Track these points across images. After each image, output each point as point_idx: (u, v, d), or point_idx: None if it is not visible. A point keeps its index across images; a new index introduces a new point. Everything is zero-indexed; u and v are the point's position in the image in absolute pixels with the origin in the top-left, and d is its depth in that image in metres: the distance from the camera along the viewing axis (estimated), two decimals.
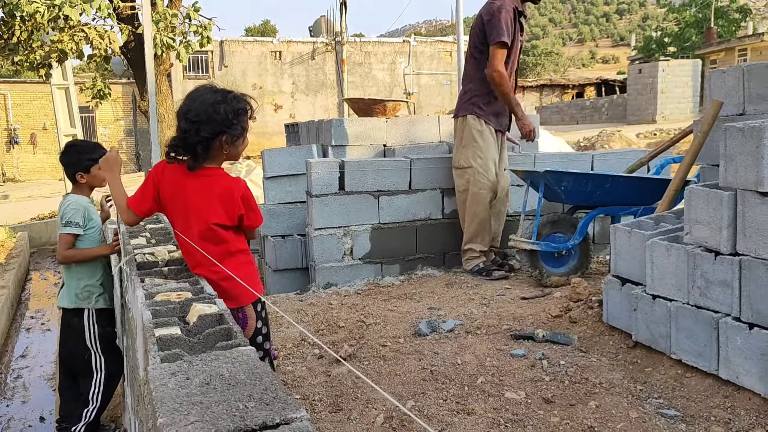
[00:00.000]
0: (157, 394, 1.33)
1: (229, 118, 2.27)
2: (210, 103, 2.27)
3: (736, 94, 3.21)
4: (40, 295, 9.04)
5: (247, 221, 2.39)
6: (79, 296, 3.48)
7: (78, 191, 3.58)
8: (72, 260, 3.46)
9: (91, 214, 3.52)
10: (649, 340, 2.89)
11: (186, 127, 2.27)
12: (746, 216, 2.44)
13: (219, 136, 2.27)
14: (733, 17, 34.73)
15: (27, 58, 7.55)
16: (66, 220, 3.41)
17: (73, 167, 3.53)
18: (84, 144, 3.76)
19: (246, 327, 2.43)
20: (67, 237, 3.41)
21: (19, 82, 25.55)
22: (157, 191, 2.39)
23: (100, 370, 3.52)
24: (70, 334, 3.56)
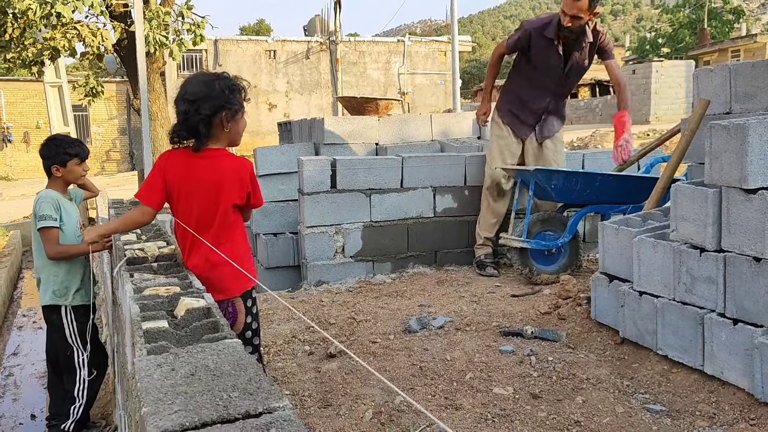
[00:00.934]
0: (142, 385, 1.35)
1: (225, 93, 2.31)
2: (204, 81, 2.33)
3: (723, 92, 3.24)
4: (33, 293, 9.01)
5: (254, 199, 2.47)
6: (57, 293, 3.44)
7: (52, 185, 3.54)
8: (63, 255, 3.41)
9: (64, 207, 3.45)
10: (636, 337, 2.91)
11: (185, 108, 2.30)
12: (731, 213, 2.47)
13: (218, 113, 2.31)
14: (727, 18, 34.91)
15: (19, 55, 7.53)
16: (39, 215, 3.35)
17: (50, 160, 3.50)
18: (64, 138, 3.71)
19: (235, 321, 2.44)
20: (50, 232, 3.34)
21: (12, 80, 25.45)
22: (165, 180, 2.39)
23: (83, 366, 3.49)
24: (52, 331, 3.55)
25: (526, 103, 4.69)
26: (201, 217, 2.38)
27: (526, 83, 4.69)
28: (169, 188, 2.39)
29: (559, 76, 4.59)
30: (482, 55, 54.95)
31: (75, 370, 3.50)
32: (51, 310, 3.48)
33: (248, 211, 2.55)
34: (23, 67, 8.25)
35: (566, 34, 4.40)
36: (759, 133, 2.37)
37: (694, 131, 3.27)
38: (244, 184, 2.40)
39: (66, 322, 3.47)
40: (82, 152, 3.57)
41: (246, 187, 2.41)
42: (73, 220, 3.50)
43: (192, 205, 2.39)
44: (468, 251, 5.06)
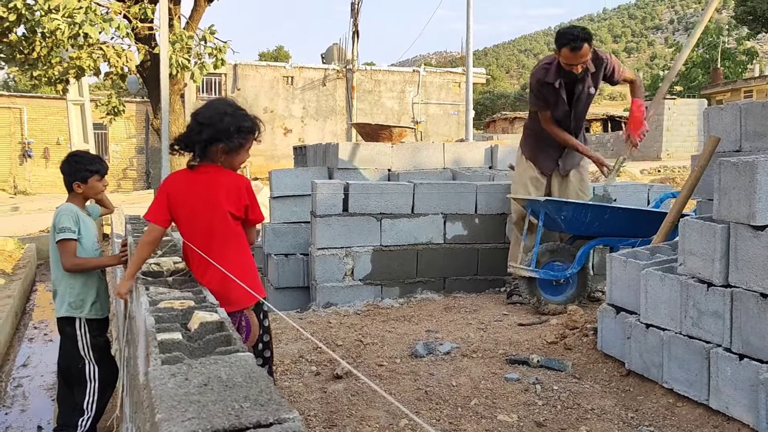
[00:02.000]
0: (156, 392, 1.39)
1: (230, 130, 2.43)
2: (219, 112, 2.45)
3: (734, 131, 3.29)
4: (45, 306, 9.09)
5: (252, 214, 2.53)
6: (72, 305, 3.50)
7: (72, 200, 3.61)
8: (80, 268, 3.47)
9: (83, 220, 3.52)
10: (642, 369, 2.92)
11: (192, 126, 2.46)
12: (738, 249, 2.49)
13: (216, 143, 2.43)
14: (740, 59, 35.03)
15: (45, 73, 7.71)
16: (59, 227, 3.42)
17: (71, 176, 3.57)
18: (85, 155, 3.79)
19: (249, 334, 2.50)
20: (68, 244, 3.41)
21: (35, 98, 25.88)
22: (168, 198, 2.51)
23: (94, 379, 3.53)
24: (65, 342, 3.59)
25: (546, 140, 4.72)
26: (204, 230, 2.46)
27: None
28: (172, 205, 2.50)
29: (567, 113, 4.65)
30: (495, 87, 55.33)
31: (86, 383, 3.53)
32: (66, 321, 3.53)
33: (251, 230, 2.61)
34: (48, 85, 8.43)
35: (572, 77, 4.47)
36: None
37: (704, 167, 3.31)
38: (241, 196, 2.48)
39: (80, 334, 3.51)
40: (102, 168, 3.65)
41: (243, 199, 2.48)
42: (91, 233, 3.57)
43: (195, 220, 2.49)
44: (476, 279, 5.08)
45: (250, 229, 2.60)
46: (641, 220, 4.21)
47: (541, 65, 4.62)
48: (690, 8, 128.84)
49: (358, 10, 21.72)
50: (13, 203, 20.94)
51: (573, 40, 4.26)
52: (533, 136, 4.82)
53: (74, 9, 6.25)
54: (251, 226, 2.60)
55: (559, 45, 4.33)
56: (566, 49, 4.29)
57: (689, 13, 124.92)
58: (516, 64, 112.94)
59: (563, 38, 4.30)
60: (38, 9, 6.24)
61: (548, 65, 4.53)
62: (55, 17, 6.18)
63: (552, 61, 4.53)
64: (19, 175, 25.91)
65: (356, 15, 21.78)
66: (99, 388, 3.54)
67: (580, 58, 4.30)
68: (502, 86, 61.54)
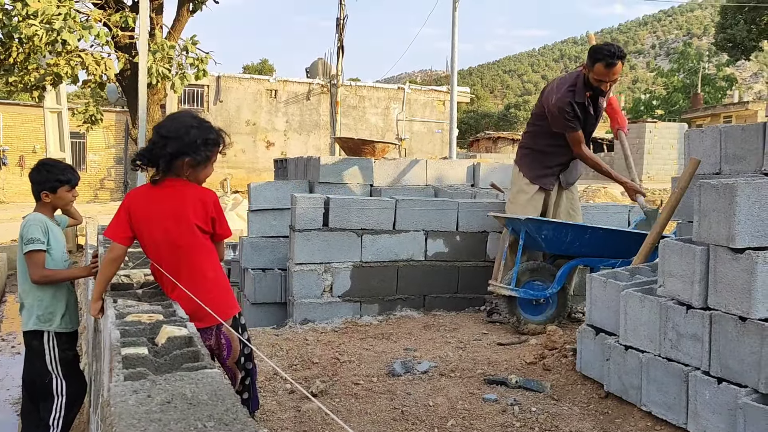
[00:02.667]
0: (115, 410, 1.32)
1: (197, 142, 2.37)
2: (184, 125, 2.39)
3: (714, 153, 3.30)
4: (14, 317, 8.87)
5: (219, 228, 2.46)
6: (41, 318, 3.37)
7: (40, 209, 3.50)
8: (48, 280, 3.36)
9: (52, 230, 3.41)
10: (620, 391, 2.89)
11: (155, 139, 2.38)
12: (717, 271, 2.48)
13: (182, 157, 2.36)
14: (720, 85, 35.67)
15: (21, 79, 7.59)
16: (27, 238, 3.30)
17: (40, 185, 3.46)
18: (55, 163, 3.64)
19: (231, 351, 2.43)
20: (37, 255, 3.29)
21: (12, 104, 25.55)
22: (129, 215, 2.42)
23: (61, 394, 3.40)
24: (31, 357, 3.47)
25: (549, 158, 4.67)
26: (171, 244, 2.38)
27: (552, 142, 4.63)
28: (133, 222, 2.42)
29: (591, 130, 4.66)
30: (480, 107, 55.76)
31: (52, 398, 3.41)
32: (33, 335, 3.41)
33: (220, 245, 2.55)
34: (25, 91, 8.31)
35: (599, 94, 4.46)
36: (747, 194, 2.40)
37: (684, 189, 3.31)
38: (207, 209, 2.42)
39: (48, 348, 3.39)
40: (73, 179, 3.54)
41: (209, 212, 2.42)
42: (60, 244, 3.47)
43: (160, 235, 2.40)
44: (456, 297, 5.04)
45: (218, 245, 2.54)
46: (622, 240, 4.20)
47: (565, 88, 4.47)
48: (671, 34, 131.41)
49: (343, 26, 21.81)
50: None
51: (609, 56, 4.25)
52: (533, 155, 4.72)
53: (53, 15, 6.16)
54: (219, 241, 2.53)
55: (594, 60, 4.30)
56: (601, 65, 4.27)
57: (671, 38, 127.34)
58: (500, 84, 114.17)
59: (599, 54, 4.28)
60: (16, 14, 6.15)
61: (573, 86, 4.45)
62: (33, 23, 6.09)
63: (575, 82, 4.46)
64: None
65: (342, 30, 21.87)
66: (66, 404, 3.42)
67: (613, 75, 4.32)
68: (486, 106, 61.99)
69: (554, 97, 4.45)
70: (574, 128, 4.48)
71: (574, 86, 4.44)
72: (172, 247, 2.38)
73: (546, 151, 4.66)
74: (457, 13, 18.33)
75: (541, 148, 4.67)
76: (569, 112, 4.42)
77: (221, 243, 2.55)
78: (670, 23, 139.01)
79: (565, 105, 4.41)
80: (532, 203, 4.67)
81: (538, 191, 4.68)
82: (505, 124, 47.27)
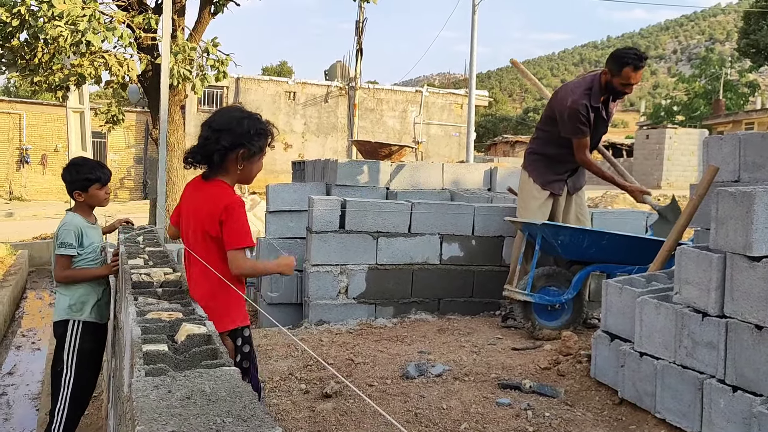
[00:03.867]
0: (137, 404, 1.36)
1: (250, 132, 2.33)
2: (235, 117, 2.36)
3: (732, 161, 3.28)
4: (34, 314, 9.01)
5: (226, 235, 2.30)
6: (73, 308, 3.45)
7: (77, 209, 3.57)
8: (70, 280, 3.44)
9: (86, 233, 3.47)
10: (634, 398, 2.89)
11: (207, 134, 2.34)
12: (734, 279, 2.47)
13: (237, 149, 2.33)
14: (742, 91, 35.28)
15: (46, 79, 7.72)
16: (59, 241, 3.39)
17: (71, 184, 3.51)
18: (85, 162, 3.65)
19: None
20: (64, 259, 3.39)
21: (35, 104, 25.94)
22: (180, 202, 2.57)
23: (67, 387, 3.42)
24: (56, 345, 3.54)
25: (559, 163, 4.68)
26: (188, 243, 2.43)
27: (561, 146, 4.62)
28: (180, 209, 2.54)
29: (601, 136, 4.66)
30: (498, 110, 55.60)
31: (59, 389, 3.44)
32: (61, 324, 3.48)
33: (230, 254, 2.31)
34: (49, 91, 8.44)
35: (617, 97, 4.47)
36: (765, 202, 2.40)
37: (702, 196, 3.30)
38: (217, 212, 2.30)
39: (69, 336, 3.44)
40: (103, 176, 3.56)
41: (218, 215, 2.30)
42: (94, 245, 3.53)
43: (184, 231, 2.48)
44: (471, 301, 5.05)
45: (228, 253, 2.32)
46: (638, 247, 4.19)
47: (581, 91, 4.45)
48: (693, 39, 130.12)
49: (362, 29, 21.88)
50: (8, 209, 20.90)
51: (638, 59, 4.27)
52: (543, 161, 4.73)
53: (78, 17, 6.27)
54: (227, 249, 2.31)
55: (621, 65, 4.29)
56: (629, 68, 4.26)
57: (692, 44, 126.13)
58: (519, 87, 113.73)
59: (627, 57, 4.29)
60: (42, 15, 6.25)
61: (589, 89, 4.43)
62: (59, 24, 6.19)
63: (590, 85, 4.44)
64: (15, 181, 25.89)
65: (360, 33, 21.94)
66: (71, 398, 3.43)
67: (639, 78, 4.33)
68: (504, 109, 61.86)
69: (570, 100, 4.44)
70: (582, 134, 4.47)
71: (590, 89, 4.43)
72: (189, 245, 2.43)
73: (556, 157, 4.66)
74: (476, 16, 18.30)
75: (551, 154, 4.67)
76: (583, 116, 4.41)
77: (231, 252, 2.31)
78: (692, 28, 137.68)
79: (581, 107, 4.40)
80: (542, 209, 4.69)
81: (548, 197, 4.70)
82: (523, 128, 47.11)
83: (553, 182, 4.69)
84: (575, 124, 4.43)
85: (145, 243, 3.57)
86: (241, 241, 2.31)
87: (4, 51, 7.08)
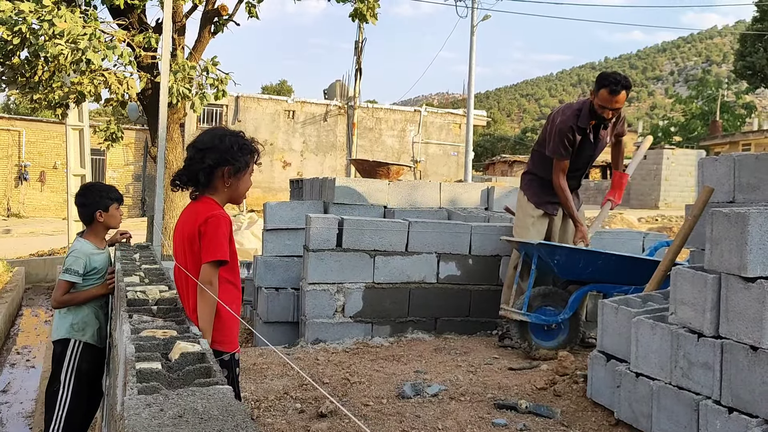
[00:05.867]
0: (129, 422, 1.35)
1: (233, 149, 2.34)
2: (217, 135, 2.38)
3: (727, 182, 3.30)
4: (29, 331, 8.97)
5: (204, 251, 2.26)
6: (75, 327, 3.47)
7: (91, 234, 3.60)
8: (65, 305, 3.47)
9: (94, 263, 3.52)
10: (630, 419, 2.87)
11: (191, 155, 2.36)
12: (729, 300, 2.47)
13: (221, 166, 2.33)
14: (739, 113, 35.50)
15: (46, 96, 7.76)
16: (66, 266, 3.45)
17: (93, 206, 3.57)
18: (101, 184, 3.81)
19: None
20: (65, 284, 3.43)
21: (35, 121, 26.03)
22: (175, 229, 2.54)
23: (63, 406, 3.41)
24: (55, 363, 3.53)
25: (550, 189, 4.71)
26: (182, 264, 2.42)
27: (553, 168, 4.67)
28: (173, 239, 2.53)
29: (589, 159, 4.70)
30: (496, 130, 55.85)
31: (53, 408, 3.43)
32: (61, 343, 3.48)
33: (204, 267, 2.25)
34: (48, 109, 8.48)
35: (601, 122, 4.49)
36: (759, 223, 2.41)
37: (697, 217, 3.31)
38: (197, 223, 2.28)
39: (70, 355, 3.44)
40: (120, 197, 3.73)
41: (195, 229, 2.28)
42: (99, 271, 3.55)
43: (176, 256, 2.45)
44: (468, 320, 5.04)
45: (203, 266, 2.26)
46: (635, 267, 4.19)
47: (571, 112, 4.53)
48: (690, 60, 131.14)
49: (361, 49, 22.05)
50: (6, 226, 20.87)
51: (614, 83, 4.32)
52: (537, 180, 4.77)
53: (78, 35, 6.31)
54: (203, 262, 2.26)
55: (599, 86, 4.37)
56: (605, 91, 4.34)
57: (690, 65, 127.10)
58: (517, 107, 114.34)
59: (605, 80, 4.36)
60: (43, 33, 6.30)
61: (579, 111, 4.50)
62: (59, 42, 6.23)
63: (581, 107, 4.51)
64: (13, 198, 25.89)
65: (360, 53, 22.11)
66: (65, 418, 3.42)
67: (615, 103, 4.37)
68: (502, 129, 62.13)
69: (559, 119, 4.53)
70: (561, 156, 4.54)
71: (579, 111, 4.50)
72: (180, 263, 2.42)
73: (549, 178, 4.68)
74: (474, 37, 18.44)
75: (546, 175, 4.70)
76: (568, 138, 4.49)
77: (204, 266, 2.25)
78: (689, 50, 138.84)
79: (566, 129, 4.49)
80: (536, 227, 4.72)
81: (542, 216, 4.74)
82: (521, 147, 47.30)
83: (546, 203, 4.71)
84: (557, 144, 4.51)
85: (141, 260, 3.58)
86: (211, 254, 2.25)
87: (5, 68, 7.13)
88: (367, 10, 9.11)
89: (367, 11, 9.11)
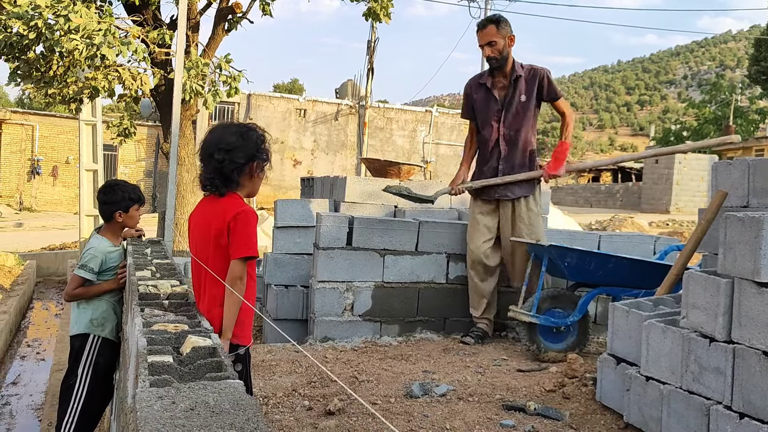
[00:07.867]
0: (141, 415, 1.36)
1: (258, 143, 2.42)
2: (239, 133, 2.42)
3: (741, 186, 3.27)
4: (40, 324, 9.04)
5: (232, 247, 2.33)
6: (94, 322, 3.50)
7: (108, 231, 3.63)
8: (77, 299, 3.51)
9: (110, 261, 3.55)
10: (640, 423, 2.86)
11: (220, 157, 2.37)
12: (742, 305, 2.46)
13: (252, 161, 2.40)
14: (752, 118, 35.25)
15: (60, 91, 7.82)
16: (82, 262, 3.48)
17: (114, 205, 3.60)
18: (125, 183, 3.79)
19: None
20: (78, 279, 3.46)
21: (48, 116, 26.24)
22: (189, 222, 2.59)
23: (78, 400, 3.43)
24: (69, 358, 3.56)
25: (483, 158, 4.86)
26: (202, 259, 2.44)
27: (480, 142, 4.89)
28: (189, 232, 2.56)
29: (498, 117, 4.71)
30: None
31: (68, 401, 3.45)
32: (79, 337, 3.51)
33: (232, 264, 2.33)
34: (62, 104, 8.54)
35: (494, 65, 4.65)
36: None
37: (711, 221, 3.29)
38: (227, 220, 2.33)
39: (88, 350, 3.47)
40: (141, 198, 3.74)
41: (227, 223, 2.33)
42: (113, 268, 3.58)
43: (194, 249, 2.48)
44: None
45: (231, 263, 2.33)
46: (646, 271, 4.17)
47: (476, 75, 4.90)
48: (704, 65, 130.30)
49: (374, 48, 22.07)
50: (18, 219, 21.04)
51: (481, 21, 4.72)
52: (477, 162, 4.95)
53: (94, 30, 6.35)
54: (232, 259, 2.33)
55: None
56: (476, 31, 4.66)
57: (703, 70, 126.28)
58: None
59: None
60: (58, 29, 6.35)
61: (483, 72, 4.85)
62: (74, 38, 6.28)
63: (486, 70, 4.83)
64: (25, 192, 26.10)
65: (372, 53, 22.13)
66: (81, 411, 3.44)
67: (484, 37, 4.60)
68: None
69: None
70: (468, 115, 4.91)
71: (483, 72, 4.86)
72: (200, 258, 2.44)
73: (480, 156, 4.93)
74: None
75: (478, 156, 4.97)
76: (468, 96, 4.86)
77: (234, 262, 2.33)
78: (702, 54, 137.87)
79: (466, 87, 4.91)
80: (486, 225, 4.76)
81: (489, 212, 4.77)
82: None
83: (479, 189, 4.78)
84: (463, 105, 4.98)
85: (153, 255, 3.60)
86: (242, 250, 2.32)
87: (20, 63, 7.18)
88: (380, 9, 9.12)
89: (381, 10, 9.12)
